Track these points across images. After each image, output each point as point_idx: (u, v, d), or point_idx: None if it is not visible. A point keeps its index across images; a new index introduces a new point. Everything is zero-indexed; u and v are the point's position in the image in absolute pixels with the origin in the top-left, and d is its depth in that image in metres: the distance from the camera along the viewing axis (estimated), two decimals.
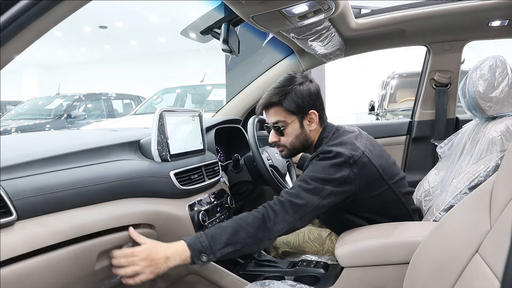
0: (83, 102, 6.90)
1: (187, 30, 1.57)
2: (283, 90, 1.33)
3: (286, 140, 1.37)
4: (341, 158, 1.20)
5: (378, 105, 5.17)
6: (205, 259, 1.07)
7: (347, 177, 1.20)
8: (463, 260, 0.75)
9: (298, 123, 1.35)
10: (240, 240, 1.10)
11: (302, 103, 1.32)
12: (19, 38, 0.66)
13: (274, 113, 1.35)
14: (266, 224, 1.12)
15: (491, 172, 1.27)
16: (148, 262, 1.01)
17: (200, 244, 1.07)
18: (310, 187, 1.17)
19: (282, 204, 1.15)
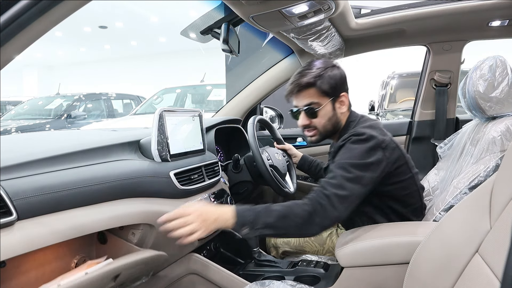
0: (83, 102, 6.90)
1: (187, 30, 1.57)
2: (317, 72, 1.32)
3: (318, 123, 1.36)
4: (374, 141, 1.21)
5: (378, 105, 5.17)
6: (245, 232, 1.10)
7: (381, 160, 1.21)
8: (463, 260, 0.75)
9: (331, 105, 1.35)
10: (283, 227, 1.12)
11: (335, 85, 1.33)
12: (19, 38, 0.66)
13: (307, 95, 1.34)
14: (314, 219, 1.13)
15: (491, 172, 1.27)
16: (201, 220, 1.06)
17: (245, 218, 1.11)
18: (351, 176, 1.17)
19: (329, 199, 1.14)
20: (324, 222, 1.13)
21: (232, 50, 1.48)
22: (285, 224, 1.11)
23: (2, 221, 0.80)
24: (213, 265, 1.35)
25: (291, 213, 1.12)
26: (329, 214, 1.13)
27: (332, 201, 1.14)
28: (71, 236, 0.93)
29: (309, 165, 1.82)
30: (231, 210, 1.11)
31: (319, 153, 2.26)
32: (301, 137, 2.34)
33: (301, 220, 1.12)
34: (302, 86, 1.34)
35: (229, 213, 1.10)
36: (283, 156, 1.79)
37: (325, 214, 1.13)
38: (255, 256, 1.48)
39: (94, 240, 1.17)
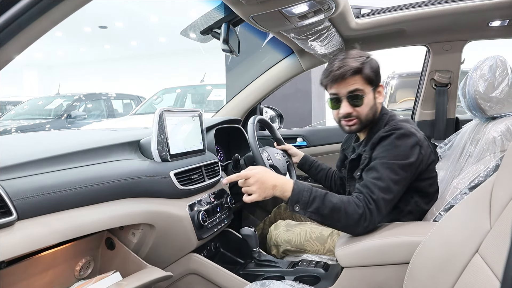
0: (83, 102, 6.90)
1: (187, 30, 1.57)
2: (362, 59, 1.29)
3: (361, 111, 1.31)
4: (414, 138, 1.23)
5: None
6: (297, 209, 1.14)
7: (418, 159, 1.23)
8: (463, 260, 0.75)
9: (372, 94, 1.33)
10: (331, 219, 1.15)
11: (376, 74, 1.32)
12: (19, 38, 0.66)
13: (353, 81, 1.28)
14: (361, 222, 1.15)
15: (491, 172, 1.26)
16: (259, 184, 1.13)
17: (301, 196, 1.14)
18: (398, 178, 1.18)
19: (376, 204, 1.15)
20: (369, 226, 1.16)
21: (232, 50, 1.48)
22: (335, 218, 1.14)
23: (2, 221, 0.80)
24: (213, 265, 1.35)
25: (344, 211, 1.14)
26: (375, 219, 1.16)
27: (379, 205, 1.16)
28: (71, 236, 0.93)
29: (309, 165, 1.83)
30: (290, 183, 1.15)
31: (319, 153, 2.26)
32: (301, 137, 2.34)
33: (350, 221, 1.14)
34: (351, 71, 1.26)
35: (288, 186, 1.15)
36: (283, 156, 1.79)
37: (372, 219, 1.15)
38: (255, 256, 1.48)
39: (101, 244, 1.16)
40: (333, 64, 1.30)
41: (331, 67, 1.30)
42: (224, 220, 1.50)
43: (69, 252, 1.07)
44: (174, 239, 1.28)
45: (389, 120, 1.33)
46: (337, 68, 1.28)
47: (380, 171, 1.18)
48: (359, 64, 1.27)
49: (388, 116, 1.35)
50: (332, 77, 1.29)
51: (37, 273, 1.00)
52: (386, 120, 1.34)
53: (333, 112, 1.38)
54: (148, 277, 1.04)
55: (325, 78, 1.33)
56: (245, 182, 1.14)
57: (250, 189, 1.13)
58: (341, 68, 1.27)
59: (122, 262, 1.14)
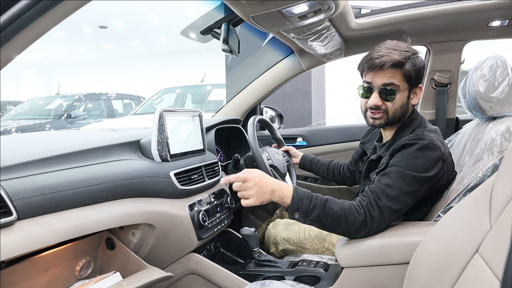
0: (83, 102, 6.90)
1: (187, 30, 1.57)
2: (407, 54, 1.22)
3: (391, 107, 1.25)
4: (438, 152, 1.17)
5: None
6: (297, 217, 1.11)
7: (438, 174, 1.18)
8: (463, 260, 0.75)
9: (407, 92, 1.26)
10: (332, 225, 1.13)
11: (418, 73, 1.25)
12: (19, 38, 0.66)
13: (390, 74, 1.21)
14: (362, 229, 1.13)
15: (491, 173, 1.26)
16: (258, 188, 1.09)
17: (301, 204, 1.10)
18: (410, 190, 1.14)
19: (380, 211, 1.12)
20: (370, 233, 1.14)
21: (232, 50, 1.48)
22: (335, 226, 1.12)
23: (2, 221, 0.80)
24: (213, 265, 1.35)
25: (344, 218, 1.12)
26: (377, 227, 1.13)
27: (384, 214, 1.13)
28: (71, 236, 0.93)
29: (310, 163, 1.83)
30: (290, 190, 1.11)
31: (319, 153, 2.25)
32: (301, 137, 2.34)
33: (351, 228, 1.12)
34: (392, 63, 1.20)
35: (288, 192, 1.11)
36: (283, 156, 1.79)
37: (373, 225, 1.13)
38: (255, 256, 1.48)
39: (101, 244, 1.16)
40: (377, 50, 1.22)
41: (374, 53, 1.22)
42: (224, 220, 1.50)
43: (69, 252, 1.07)
44: (174, 239, 1.28)
45: (417, 127, 1.27)
46: (379, 56, 1.20)
47: (393, 179, 1.14)
48: (402, 58, 1.20)
49: (418, 122, 1.29)
50: (371, 65, 1.22)
51: (37, 273, 1.00)
52: (415, 126, 1.27)
53: (362, 100, 1.31)
54: (148, 277, 1.04)
55: (364, 63, 1.26)
56: (242, 185, 1.09)
57: (247, 193, 1.09)
58: (382, 57, 1.20)
59: (122, 262, 1.14)
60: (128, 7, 8.67)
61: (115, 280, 1.02)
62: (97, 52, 13.00)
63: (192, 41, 1.69)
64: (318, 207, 1.10)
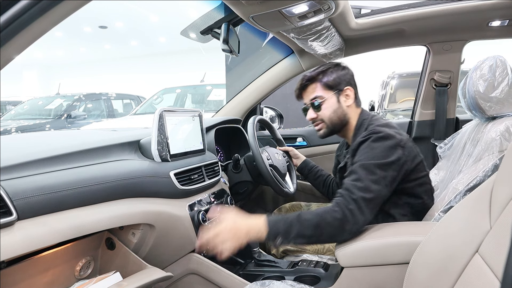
0: (83, 102, 6.90)
1: (187, 30, 1.57)
2: (321, 69, 1.44)
3: (324, 115, 1.42)
4: (394, 140, 1.24)
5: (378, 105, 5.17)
6: (279, 242, 1.12)
7: (401, 159, 1.23)
8: (463, 260, 0.75)
9: (335, 97, 1.41)
10: (315, 235, 1.14)
11: (338, 79, 1.41)
12: (19, 38, 0.66)
13: (312, 90, 1.44)
14: (344, 226, 1.13)
15: (491, 172, 1.26)
16: (232, 235, 1.08)
17: (277, 229, 1.12)
18: (376, 178, 1.18)
19: (357, 203, 1.15)
20: (353, 228, 1.15)
21: (232, 50, 1.48)
22: (317, 233, 1.13)
23: (2, 221, 0.80)
24: (213, 265, 1.35)
25: (323, 222, 1.13)
26: (358, 220, 1.14)
27: (360, 205, 1.15)
28: (71, 236, 0.93)
29: (309, 170, 1.82)
30: (262, 221, 1.12)
31: (319, 153, 2.26)
32: (301, 137, 2.34)
33: (333, 229, 1.13)
34: (306, 81, 1.44)
35: (261, 225, 1.11)
36: (283, 156, 1.79)
37: (354, 220, 1.14)
38: (255, 256, 1.48)
39: (101, 244, 1.16)
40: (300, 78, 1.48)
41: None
42: None
43: (69, 252, 1.07)
44: (174, 239, 1.28)
45: (369, 125, 1.35)
46: (299, 81, 1.47)
47: (358, 173, 1.20)
48: (314, 74, 1.43)
49: (368, 120, 1.38)
50: (296, 88, 1.49)
51: (37, 273, 1.00)
52: (366, 125, 1.36)
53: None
54: (148, 277, 1.04)
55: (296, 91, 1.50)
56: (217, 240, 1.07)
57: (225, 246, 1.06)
58: (300, 80, 1.47)
59: (122, 262, 1.14)
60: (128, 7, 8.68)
61: (115, 280, 1.02)
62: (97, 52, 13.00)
63: (192, 41, 1.69)
64: (294, 223, 1.12)
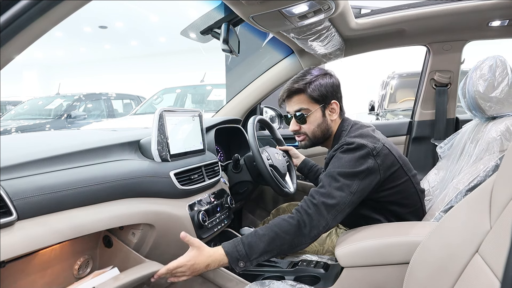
0: (83, 102, 6.90)
1: (187, 30, 1.57)
2: (308, 79, 1.36)
3: (307, 128, 1.40)
4: (364, 150, 1.22)
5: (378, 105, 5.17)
6: (242, 266, 1.11)
7: (372, 168, 1.22)
8: (463, 260, 0.75)
9: (321, 112, 1.38)
10: (276, 248, 1.13)
11: (325, 92, 1.36)
12: (19, 38, 0.66)
13: (297, 101, 1.38)
14: (302, 230, 1.13)
15: (491, 172, 1.27)
16: (191, 271, 1.08)
17: (238, 253, 1.11)
18: (339, 185, 1.18)
19: (316, 207, 1.15)
20: (312, 231, 1.14)
21: (232, 50, 1.48)
22: (277, 244, 1.13)
23: (2, 221, 0.79)
24: None
25: (280, 232, 1.13)
26: (316, 223, 1.14)
27: (320, 209, 1.15)
28: (71, 236, 0.93)
29: (309, 169, 1.82)
30: (220, 251, 1.11)
31: (319, 153, 2.25)
32: None
33: (290, 235, 1.13)
34: (292, 92, 1.38)
35: (220, 255, 1.10)
36: (283, 156, 1.79)
37: (312, 223, 1.14)
38: None
39: (99, 243, 1.16)
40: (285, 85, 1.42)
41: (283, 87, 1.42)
42: (224, 220, 1.50)
43: (66, 251, 1.07)
44: (174, 239, 1.28)
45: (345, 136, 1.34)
46: (285, 89, 1.40)
47: (323, 181, 1.21)
48: (301, 85, 1.36)
49: (347, 132, 1.36)
50: (280, 96, 1.42)
51: (36, 272, 1.00)
52: (343, 136, 1.35)
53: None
54: (145, 270, 1.04)
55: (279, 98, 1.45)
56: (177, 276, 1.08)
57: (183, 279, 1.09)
58: (285, 89, 1.40)
59: (121, 259, 1.14)
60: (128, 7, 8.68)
61: (112, 275, 1.02)
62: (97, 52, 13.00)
63: (192, 41, 1.69)
64: (252, 243, 1.12)
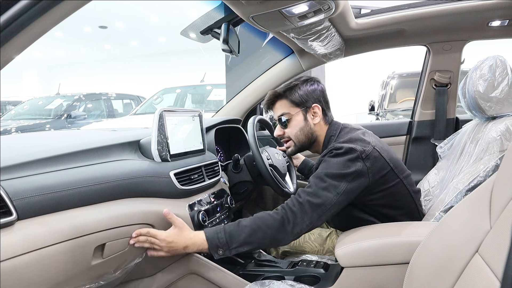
0: (83, 102, 6.90)
1: (187, 30, 1.57)
2: (288, 85, 1.43)
3: (290, 133, 1.43)
4: (353, 154, 1.22)
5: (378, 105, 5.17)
6: (221, 253, 1.13)
7: (360, 171, 1.21)
8: (463, 260, 0.75)
9: (302, 115, 1.41)
10: (257, 240, 1.14)
11: (306, 96, 1.40)
12: (19, 38, 0.66)
13: (279, 107, 1.43)
14: (285, 226, 1.14)
15: (491, 172, 1.27)
16: (168, 248, 1.10)
17: (218, 240, 1.12)
18: (325, 185, 1.19)
19: (301, 205, 1.16)
20: (295, 229, 1.14)
21: (232, 50, 1.48)
22: (258, 237, 1.13)
23: (2, 221, 0.80)
24: (213, 265, 1.35)
25: (263, 225, 1.14)
26: (300, 221, 1.14)
27: (304, 207, 1.15)
28: (71, 236, 0.93)
29: (309, 170, 1.82)
30: (202, 235, 1.13)
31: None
32: None
33: (272, 230, 1.13)
34: (274, 97, 1.43)
35: (200, 239, 1.12)
36: (283, 156, 1.79)
37: (296, 220, 1.14)
38: (255, 256, 1.48)
39: None
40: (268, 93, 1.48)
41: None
42: (224, 220, 1.50)
43: None
44: None
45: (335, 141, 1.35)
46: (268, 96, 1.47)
47: (310, 181, 1.23)
48: (281, 91, 1.42)
49: (336, 136, 1.38)
50: (264, 104, 1.48)
51: None
52: (333, 141, 1.36)
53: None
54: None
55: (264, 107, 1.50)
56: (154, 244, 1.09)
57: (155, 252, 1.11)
58: (268, 96, 1.46)
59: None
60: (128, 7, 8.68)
61: None
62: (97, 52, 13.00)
63: (192, 41, 1.69)
64: (234, 232, 1.13)
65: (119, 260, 1.12)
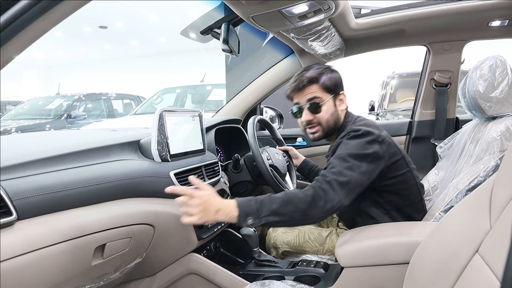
0: (83, 102, 6.90)
1: (187, 30, 1.57)
2: (318, 70, 1.40)
3: (322, 118, 1.40)
4: (371, 136, 1.25)
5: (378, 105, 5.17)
6: (250, 222, 1.10)
7: (378, 153, 1.24)
8: (463, 260, 0.75)
9: (332, 101, 1.41)
10: (288, 213, 1.12)
11: (335, 82, 1.41)
12: (19, 38, 0.66)
13: (310, 90, 1.39)
14: (316, 202, 1.13)
15: (491, 172, 1.26)
16: (201, 208, 1.06)
17: (249, 207, 1.10)
18: (349, 165, 1.20)
19: (329, 184, 1.16)
20: (326, 205, 1.14)
21: (232, 50, 1.48)
22: (290, 209, 1.12)
23: (2, 221, 0.80)
24: (213, 265, 1.35)
25: (295, 198, 1.13)
26: (331, 198, 1.14)
27: (333, 185, 1.16)
28: (71, 236, 0.93)
29: (309, 170, 1.82)
30: (233, 203, 1.11)
31: (319, 153, 2.26)
32: (301, 137, 2.34)
33: (304, 204, 1.12)
34: (306, 81, 1.39)
35: (232, 206, 1.10)
36: (283, 156, 1.79)
37: (327, 197, 1.14)
38: (255, 256, 1.48)
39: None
40: (295, 76, 1.43)
41: (294, 79, 1.43)
42: None
43: None
44: (174, 239, 1.28)
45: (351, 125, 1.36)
46: (294, 80, 1.42)
47: (334, 163, 1.23)
48: (315, 74, 1.39)
49: (352, 122, 1.40)
50: (294, 87, 1.41)
51: None
52: (349, 125, 1.37)
53: (298, 121, 1.46)
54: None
55: (289, 90, 1.44)
56: (188, 202, 1.06)
57: (192, 210, 1.05)
58: (297, 80, 1.41)
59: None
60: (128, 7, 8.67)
61: None
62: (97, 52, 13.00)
63: (192, 41, 1.69)
64: (265, 201, 1.12)
65: (119, 260, 1.12)
